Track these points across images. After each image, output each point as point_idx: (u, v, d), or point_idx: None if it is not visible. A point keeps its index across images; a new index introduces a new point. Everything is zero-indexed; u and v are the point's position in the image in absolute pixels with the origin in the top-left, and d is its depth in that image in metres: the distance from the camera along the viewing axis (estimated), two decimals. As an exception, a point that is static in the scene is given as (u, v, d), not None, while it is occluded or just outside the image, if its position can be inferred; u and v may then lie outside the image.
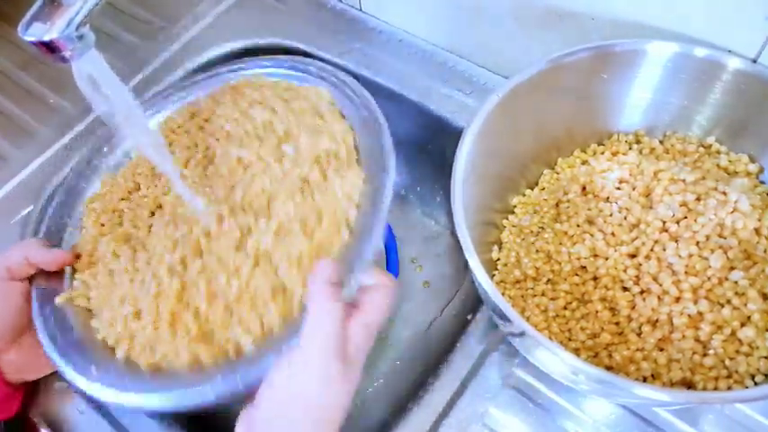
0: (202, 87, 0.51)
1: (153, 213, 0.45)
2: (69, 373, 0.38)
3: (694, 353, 0.37)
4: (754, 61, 0.42)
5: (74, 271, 0.44)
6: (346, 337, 0.32)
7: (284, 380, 0.32)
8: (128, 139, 0.47)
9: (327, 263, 0.35)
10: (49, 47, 0.30)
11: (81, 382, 0.38)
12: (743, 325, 0.37)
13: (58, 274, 0.43)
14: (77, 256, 0.44)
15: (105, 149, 0.50)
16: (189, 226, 0.41)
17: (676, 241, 0.40)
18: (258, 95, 0.46)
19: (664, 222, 0.41)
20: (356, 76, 0.60)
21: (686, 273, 0.39)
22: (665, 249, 0.40)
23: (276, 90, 0.46)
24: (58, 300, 0.41)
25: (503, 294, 0.42)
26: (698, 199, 0.41)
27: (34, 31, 0.30)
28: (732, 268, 0.38)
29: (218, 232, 0.40)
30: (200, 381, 0.36)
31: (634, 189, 0.44)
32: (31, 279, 0.42)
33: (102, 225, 0.45)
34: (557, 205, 0.46)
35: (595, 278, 0.42)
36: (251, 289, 0.37)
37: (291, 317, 0.36)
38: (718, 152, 0.45)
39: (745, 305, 0.37)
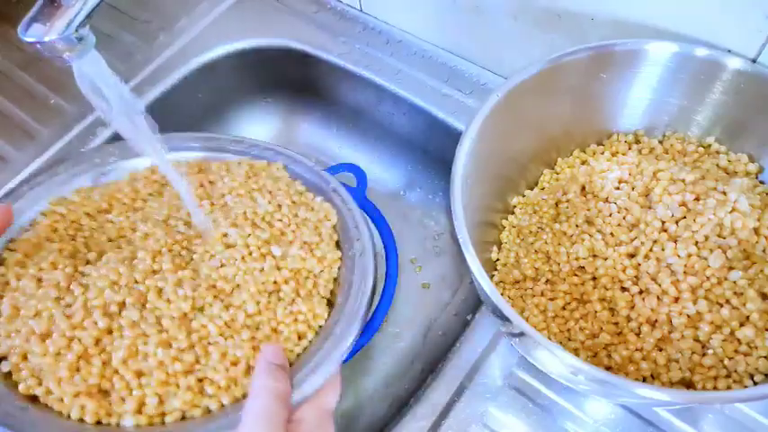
0: (222, 150, 0.49)
1: (111, 240, 0.42)
2: None
3: (693, 353, 0.37)
4: (754, 61, 0.42)
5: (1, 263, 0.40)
6: (298, 420, 0.33)
7: None
8: (128, 142, 0.47)
9: (270, 346, 0.36)
10: (49, 48, 0.30)
11: None
12: (742, 325, 0.37)
13: None
14: (12, 249, 0.41)
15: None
16: (144, 274, 0.39)
17: (675, 241, 0.40)
18: (272, 186, 0.45)
19: (663, 222, 0.41)
20: (356, 77, 0.60)
21: (685, 273, 0.39)
22: (663, 249, 0.40)
23: (290, 190, 0.45)
24: None
25: (502, 294, 0.42)
26: (697, 199, 0.41)
27: (34, 32, 0.30)
28: (731, 268, 0.38)
29: (171, 293, 0.38)
30: None
31: (633, 189, 0.44)
32: None
33: (55, 231, 0.42)
34: (556, 205, 0.46)
35: (594, 278, 0.42)
36: (171, 369, 0.36)
37: (193, 412, 0.35)
38: (718, 152, 0.45)
39: (744, 305, 0.37)
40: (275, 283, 0.40)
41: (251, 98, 0.69)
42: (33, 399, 0.35)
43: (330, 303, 0.41)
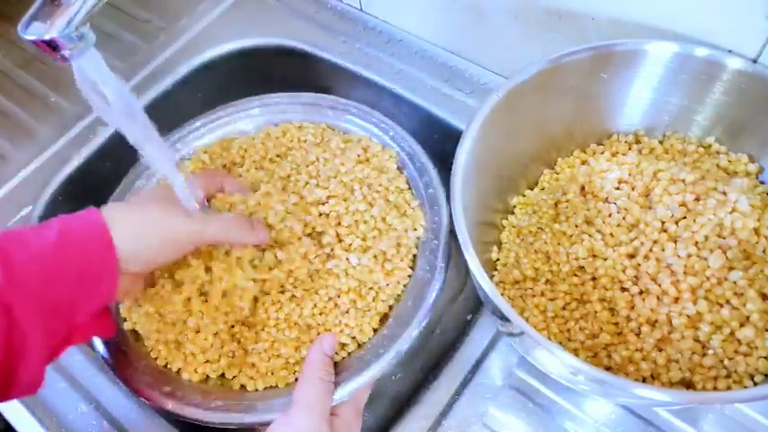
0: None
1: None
2: None
3: (693, 353, 0.37)
4: (755, 61, 0.42)
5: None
6: (337, 414, 0.38)
7: None
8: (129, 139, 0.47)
9: (330, 336, 0.40)
10: (49, 46, 0.30)
11: None
12: (742, 325, 0.37)
13: None
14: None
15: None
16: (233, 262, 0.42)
17: (675, 241, 0.40)
18: (374, 179, 0.46)
19: (663, 222, 0.41)
20: (356, 76, 0.60)
21: (685, 273, 0.39)
22: (663, 249, 0.40)
23: (391, 186, 0.46)
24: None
25: (502, 295, 0.42)
26: (697, 199, 0.41)
27: (34, 30, 0.30)
28: (731, 268, 0.38)
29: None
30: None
31: (633, 189, 0.44)
32: None
33: None
34: (555, 205, 0.46)
35: (594, 278, 0.42)
36: (276, 346, 0.41)
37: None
38: (718, 152, 0.45)
39: (744, 305, 0.37)
40: (338, 289, 0.42)
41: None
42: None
43: (387, 315, 0.42)
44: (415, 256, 0.44)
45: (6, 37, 0.67)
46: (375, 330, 0.41)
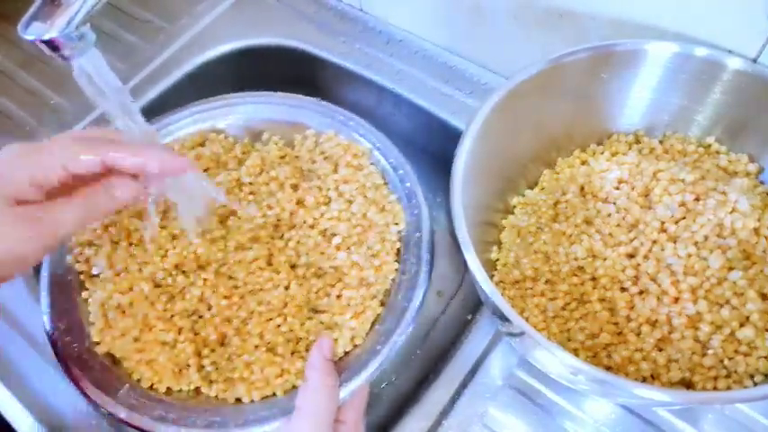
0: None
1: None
2: None
3: (693, 353, 0.37)
4: (755, 61, 0.42)
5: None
6: (342, 421, 0.37)
7: None
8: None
9: (327, 339, 0.39)
10: (49, 46, 0.30)
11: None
12: (742, 325, 0.37)
13: None
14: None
15: None
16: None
17: (675, 241, 0.40)
18: (351, 176, 0.46)
19: (662, 222, 0.41)
20: (356, 77, 0.60)
21: (685, 273, 0.39)
22: (663, 250, 0.40)
23: (367, 182, 0.46)
24: (69, 259, 0.42)
25: (502, 295, 0.42)
26: (697, 199, 0.41)
27: (34, 30, 0.30)
28: (731, 268, 0.38)
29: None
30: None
31: (633, 189, 0.44)
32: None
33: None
34: (555, 205, 0.46)
35: (594, 278, 0.42)
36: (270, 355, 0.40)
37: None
38: (718, 152, 0.45)
39: (744, 305, 0.37)
40: (331, 285, 0.41)
41: (251, 98, 0.69)
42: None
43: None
44: (398, 250, 0.43)
45: (6, 37, 0.67)
46: (370, 328, 0.41)
